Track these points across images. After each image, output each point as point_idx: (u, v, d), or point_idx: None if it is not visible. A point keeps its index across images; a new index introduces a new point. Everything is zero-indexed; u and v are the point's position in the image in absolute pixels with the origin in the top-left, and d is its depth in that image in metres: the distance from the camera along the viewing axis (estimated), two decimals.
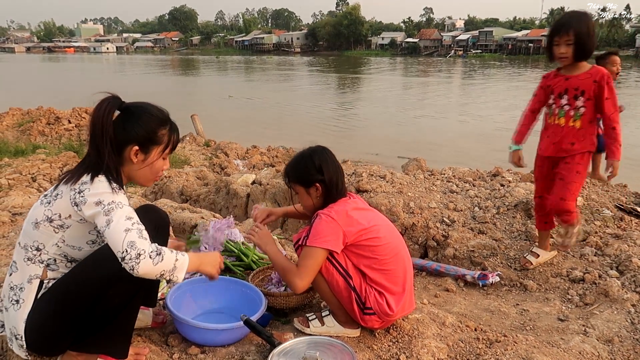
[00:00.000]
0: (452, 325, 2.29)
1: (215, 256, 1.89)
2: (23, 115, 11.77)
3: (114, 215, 1.55)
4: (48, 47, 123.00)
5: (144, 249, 1.54)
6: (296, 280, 1.97)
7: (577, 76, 2.81)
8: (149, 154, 1.72)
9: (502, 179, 4.63)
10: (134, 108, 1.72)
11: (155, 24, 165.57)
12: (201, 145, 11.14)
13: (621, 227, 3.61)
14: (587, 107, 2.79)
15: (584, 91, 2.78)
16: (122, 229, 1.54)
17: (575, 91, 2.81)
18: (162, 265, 1.58)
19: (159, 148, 1.74)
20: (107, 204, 1.56)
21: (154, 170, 1.77)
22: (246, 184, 5.26)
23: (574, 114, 2.83)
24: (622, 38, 73.06)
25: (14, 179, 6.67)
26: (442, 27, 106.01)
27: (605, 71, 2.76)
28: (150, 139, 1.71)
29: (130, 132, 1.68)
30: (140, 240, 1.55)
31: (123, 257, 1.52)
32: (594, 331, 2.39)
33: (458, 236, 3.50)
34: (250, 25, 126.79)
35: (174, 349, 2.01)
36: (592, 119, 2.82)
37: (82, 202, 1.57)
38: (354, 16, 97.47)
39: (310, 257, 1.97)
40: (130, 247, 1.53)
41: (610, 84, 2.73)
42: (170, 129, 1.76)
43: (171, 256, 1.62)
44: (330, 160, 2.09)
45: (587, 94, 2.77)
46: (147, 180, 1.80)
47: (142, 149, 1.71)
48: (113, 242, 1.53)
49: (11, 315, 1.66)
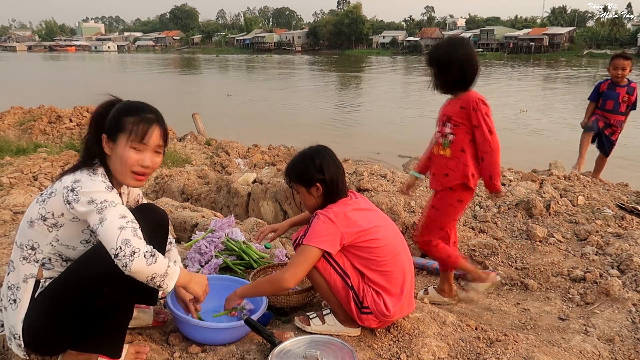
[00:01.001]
0: (453, 324, 2.29)
1: (204, 279, 1.88)
2: (24, 114, 11.78)
3: (107, 213, 1.55)
4: (49, 45, 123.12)
5: (138, 248, 1.53)
6: (285, 275, 1.95)
7: (449, 102, 2.60)
8: (117, 142, 1.67)
9: (503, 178, 4.63)
10: (114, 102, 1.75)
11: (157, 23, 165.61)
12: (202, 144, 11.14)
13: (622, 226, 3.60)
14: (456, 134, 2.52)
15: (450, 117, 2.54)
16: (116, 226, 1.53)
17: (443, 117, 2.59)
18: (154, 268, 1.57)
19: (124, 136, 1.67)
20: (100, 203, 1.56)
21: (123, 162, 1.68)
22: (247, 183, 5.26)
23: (442, 141, 2.59)
24: (624, 37, 72.88)
25: (15, 178, 6.68)
26: (443, 26, 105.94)
27: (476, 97, 2.47)
28: (115, 125, 1.67)
29: (104, 123, 1.71)
30: (135, 238, 1.55)
31: (116, 254, 1.51)
32: (594, 330, 2.39)
33: (459, 235, 3.49)
34: (252, 24, 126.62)
35: (175, 348, 2.02)
36: (464, 148, 2.52)
37: (75, 200, 1.57)
38: (355, 15, 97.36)
39: (302, 255, 1.96)
40: (124, 244, 1.52)
41: (480, 110, 2.43)
42: (140, 119, 1.68)
43: (164, 262, 1.62)
44: (330, 160, 2.09)
45: (453, 120, 2.53)
46: (123, 175, 1.71)
47: (110, 137, 1.68)
48: (106, 240, 1.53)
49: (9, 315, 1.66)
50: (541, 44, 76.48)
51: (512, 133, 14.69)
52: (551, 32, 79.04)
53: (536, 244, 3.35)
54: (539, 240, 3.39)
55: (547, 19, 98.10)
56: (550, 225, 3.59)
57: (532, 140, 14.18)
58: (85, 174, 1.63)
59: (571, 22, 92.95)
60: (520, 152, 12.00)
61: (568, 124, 15.97)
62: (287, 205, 4.63)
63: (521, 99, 23.31)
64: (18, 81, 33.66)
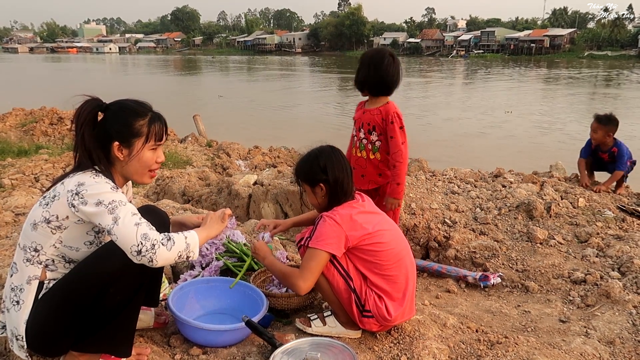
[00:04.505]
0: (454, 327, 2.29)
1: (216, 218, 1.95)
2: (26, 116, 11.80)
3: (119, 212, 1.58)
4: (51, 47, 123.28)
5: (156, 239, 1.60)
6: (299, 283, 1.98)
7: (368, 111, 2.93)
8: (132, 147, 1.72)
9: (504, 179, 4.63)
10: (112, 106, 1.74)
11: (158, 25, 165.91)
12: (203, 145, 11.14)
13: (623, 228, 3.60)
14: (381, 140, 2.92)
15: (374, 127, 2.91)
16: (133, 223, 1.59)
17: (368, 126, 2.93)
18: (176, 248, 1.64)
19: (140, 140, 1.72)
20: (109, 203, 1.58)
21: (143, 164, 1.74)
22: (248, 185, 5.27)
23: (371, 147, 2.95)
24: (625, 38, 72.88)
25: (17, 179, 6.70)
26: (444, 28, 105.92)
27: (394, 111, 2.84)
28: (129, 132, 1.71)
29: (109, 130, 1.71)
30: (152, 231, 1.61)
31: (139, 250, 1.56)
32: (595, 333, 2.39)
33: (459, 237, 3.50)
34: (253, 25, 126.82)
35: (176, 350, 2.02)
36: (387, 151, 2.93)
37: (82, 202, 1.58)
38: (356, 16, 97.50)
39: (313, 259, 1.97)
40: (144, 238, 1.57)
41: (396, 123, 2.83)
42: (149, 120, 1.74)
43: (180, 237, 1.68)
44: (336, 161, 2.09)
45: (377, 129, 2.90)
46: (141, 175, 1.78)
47: (124, 144, 1.71)
48: (125, 237, 1.56)
49: (12, 316, 1.67)
50: (542, 46, 76.54)
51: (511, 137, 14.70)
52: (552, 33, 79.10)
53: (537, 246, 3.35)
54: (539, 242, 3.39)
55: (547, 20, 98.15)
56: (551, 227, 3.59)
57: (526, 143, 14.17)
58: (88, 177, 1.64)
59: (572, 23, 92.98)
60: (522, 153, 12.02)
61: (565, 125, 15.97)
62: (288, 207, 4.63)
63: (523, 100, 23.32)
64: (20, 82, 33.71)
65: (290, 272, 2.04)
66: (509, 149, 12.98)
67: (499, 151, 12.74)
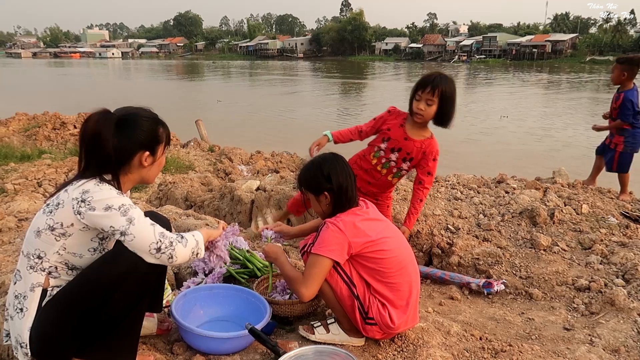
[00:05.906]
0: (457, 334, 2.28)
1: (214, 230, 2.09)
2: (29, 120, 11.83)
3: (132, 213, 1.62)
4: (54, 52, 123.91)
5: (172, 236, 1.69)
6: (302, 289, 1.98)
7: (414, 142, 2.91)
8: (156, 154, 1.80)
9: (507, 185, 4.62)
10: (129, 116, 1.75)
11: (160, 30, 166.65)
12: (205, 150, 11.16)
13: (627, 235, 3.59)
14: (408, 170, 3.02)
15: (411, 157, 2.94)
16: (148, 223, 1.65)
17: (404, 154, 2.94)
18: (189, 245, 1.73)
19: (161, 146, 1.82)
20: (119, 207, 1.61)
21: (160, 167, 1.87)
22: (250, 190, 5.27)
23: (395, 171, 3.02)
24: (627, 43, 72.88)
25: (19, 184, 6.71)
26: (445, 33, 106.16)
27: (437, 148, 2.91)
28: (155, 140, 1.78)
29: (136, 139, 1.72)
30: (166, 231, 1.68)
31: (159, 248, 1.63)
32: (600, 341, 2.38)
33: (463, 244, 3.49)
34: (255, 30, 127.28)
35: (179, 357, 2.02)
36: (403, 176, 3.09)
37: (90, 208, 1.58)
38: (358, 22, 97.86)
39: (315, 266, 1.97)
40: (162, 236, 1.65)
41: (436, 160, 2.92)
42: (163, 126, 1.83)
43: (189, 235, 1.77)
44: (340, 169, 2.09)
45: (413, 160, 2.95)
46: (154, 177, 1.89)
47: (151, 152, 1.78)
48: (143, 236, 1.61)
49: (16, 324, 1.67)
50: (544, 51, 76.63)
51: (512, 143, 14.67)
52: (554, 38, 79.18)
53: (540, 252, 3.34)
54: (543, 249, 3.38)
55: (549, 25, 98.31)
56: (555, 233, 3.58)
57: (526, 146, 14.16)
58: (92, 184, 1.64)
59: (574, 28, 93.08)
60: (530, 158, 12.00)
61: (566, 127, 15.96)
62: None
63: (526, 106, 23.32)
64: (23, 87, 33.85)
65: (296, 277, 2.04)
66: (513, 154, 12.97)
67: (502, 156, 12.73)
